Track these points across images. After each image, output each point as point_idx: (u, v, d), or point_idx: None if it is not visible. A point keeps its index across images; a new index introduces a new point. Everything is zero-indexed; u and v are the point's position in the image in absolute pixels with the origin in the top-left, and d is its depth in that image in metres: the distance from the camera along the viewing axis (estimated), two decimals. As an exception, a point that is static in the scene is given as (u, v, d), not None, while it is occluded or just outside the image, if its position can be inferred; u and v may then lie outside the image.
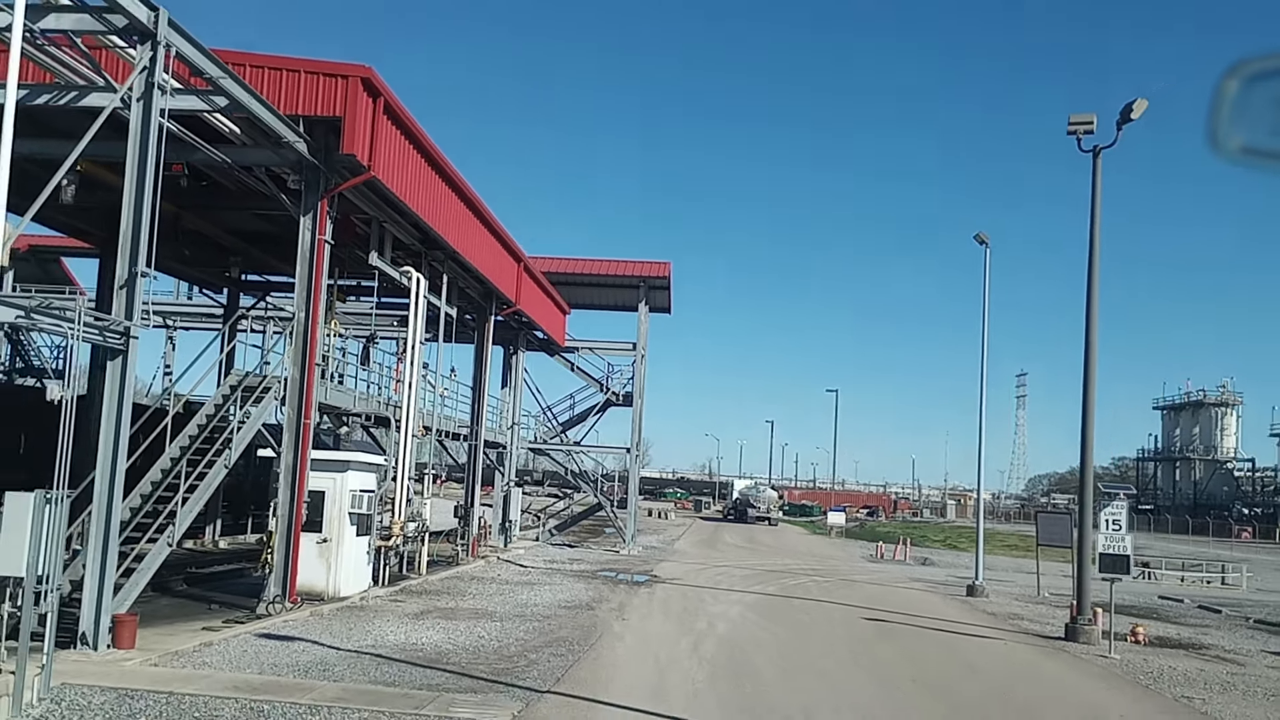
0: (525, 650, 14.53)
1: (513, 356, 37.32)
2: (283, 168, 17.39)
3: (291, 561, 16.69)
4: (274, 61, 16.77)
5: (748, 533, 61.82)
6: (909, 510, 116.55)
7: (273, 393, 17.06)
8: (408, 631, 15.56)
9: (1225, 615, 28.42)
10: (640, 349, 39.06)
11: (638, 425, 39.31)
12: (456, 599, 20.13)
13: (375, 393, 22.56)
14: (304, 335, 17.31)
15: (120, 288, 12.39)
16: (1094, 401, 20.51)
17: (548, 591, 22.44)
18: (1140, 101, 20.10)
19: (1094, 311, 20.54)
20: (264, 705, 10.13)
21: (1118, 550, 18.48)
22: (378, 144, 17.40)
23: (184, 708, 9.95)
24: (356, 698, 10.70)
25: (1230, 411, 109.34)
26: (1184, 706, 13.57)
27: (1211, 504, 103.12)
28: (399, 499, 21.29)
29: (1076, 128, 20.88)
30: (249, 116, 15.40)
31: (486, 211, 25.39)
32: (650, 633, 17.38)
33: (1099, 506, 21.62)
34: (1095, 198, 20.70)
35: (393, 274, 21.50)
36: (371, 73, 17.07)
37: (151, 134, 12.52)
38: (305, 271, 17.34)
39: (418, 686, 11.54)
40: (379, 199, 19.34)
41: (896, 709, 12.13)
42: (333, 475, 18.29)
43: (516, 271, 29.96)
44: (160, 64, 12.50)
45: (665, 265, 38.71)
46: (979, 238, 29.20)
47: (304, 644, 13.81)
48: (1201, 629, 24.24)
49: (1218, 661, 18.47)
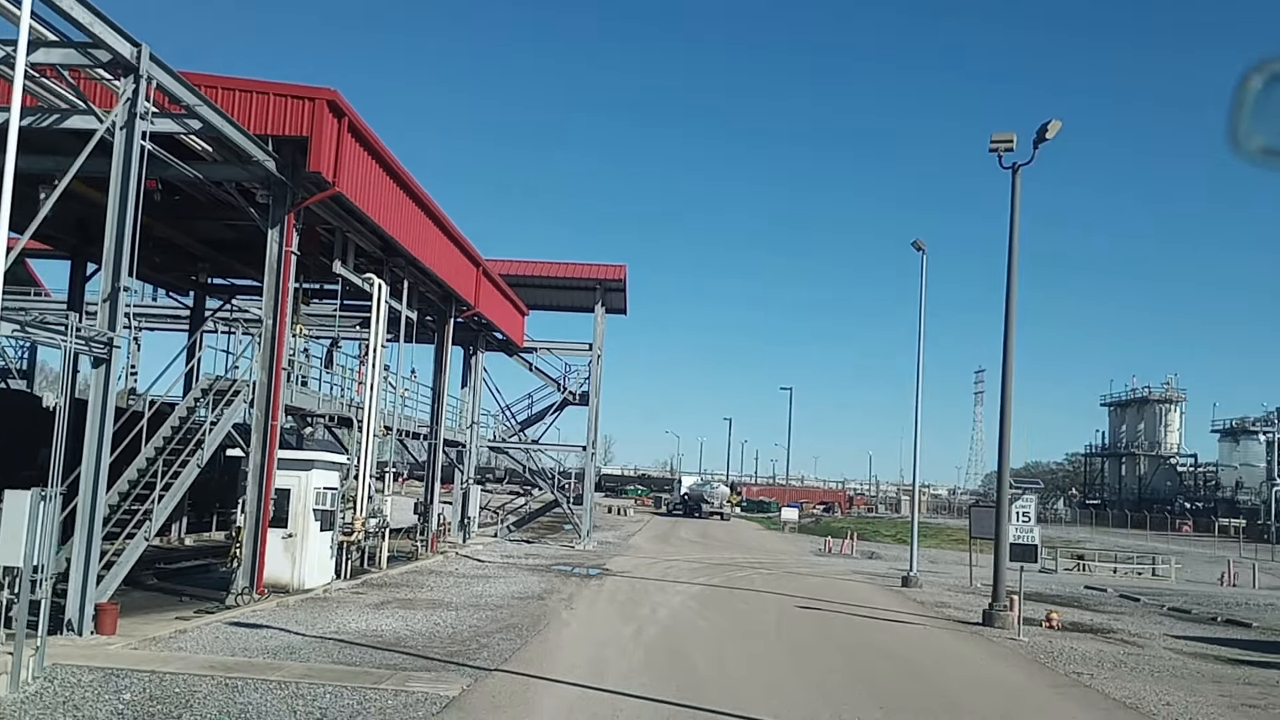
0: (477, 635, 15.76)
1: (472, 357, 38.40)
2: (252, 183, 18.43)
3: (259, 556, 17.78)
4: (244, 84, 17.80)
5: (702, 528, 63.34)
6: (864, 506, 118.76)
7: (242, 396, 18.11)
8: (368, 620, 16.73)
9: (1143, 603, 30.24)
10: (596, 349, 40.32)
11: (594, 424, 40.58)
12: (415, 591, 21.30)
13: (339, 394, 23.63)
14: (271, 342, 18.38)
15: (104, 300, 13.43)
16: (1011, 404, 22.06)
17: (502, 584, 23.65)
18: (1054, 123, 21.64)
19: (1012, 320, 22.09)
20: (238, 681, 11.30)
21: (1027, 540, 20.02)
22: (342, 161, 18.49)
23: (165, 684, 11.08)
24: (321, 675, 11.89)
25: (1174, 408, 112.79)
26: (1072, 681, 15.09)
27: (1155, 498, 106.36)
28: (360, 496, 22.39)
29: (998, 146, 22.37)
30: (221, 137, 16.45)
31: (445, 220, 26.52)
32: (596, 620, 18.68)
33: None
34: (1014, 212, 22.24)
35: (356, 281, 22.58)
36: (336, 95, 18.16)
37: (134, 159, 13.58)
38: (273, 281, 18.41)
39: (377, 666, 12.74)
40: (343, 211, 20.44)
41: (809, 683, 13.51)
42: (298, 474, 19.37)
43: (475, 275, 31.09)
44: (142, 95, 13.54)
45: (621, 268, 39.99)
46: (916, 245, 30.79)
47: (272, 631, 14.94)
48: (1116, 615, 25.95)
49: (1119, 644, 20.09)
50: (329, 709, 10.35)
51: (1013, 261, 22.14)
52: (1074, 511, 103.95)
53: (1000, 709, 12.67)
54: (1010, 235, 22.13)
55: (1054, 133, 21.53)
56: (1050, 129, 21.47)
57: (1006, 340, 22.08)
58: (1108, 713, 12.83)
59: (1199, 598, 33.31)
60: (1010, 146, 22.16)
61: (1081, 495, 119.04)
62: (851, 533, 52.80)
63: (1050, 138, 21.57)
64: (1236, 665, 18.15)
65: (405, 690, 11.34)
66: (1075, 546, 57.49)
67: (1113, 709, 13.11)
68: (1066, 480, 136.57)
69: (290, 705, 10.42)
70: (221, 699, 10.57)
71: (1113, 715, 12.68)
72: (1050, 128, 21.46)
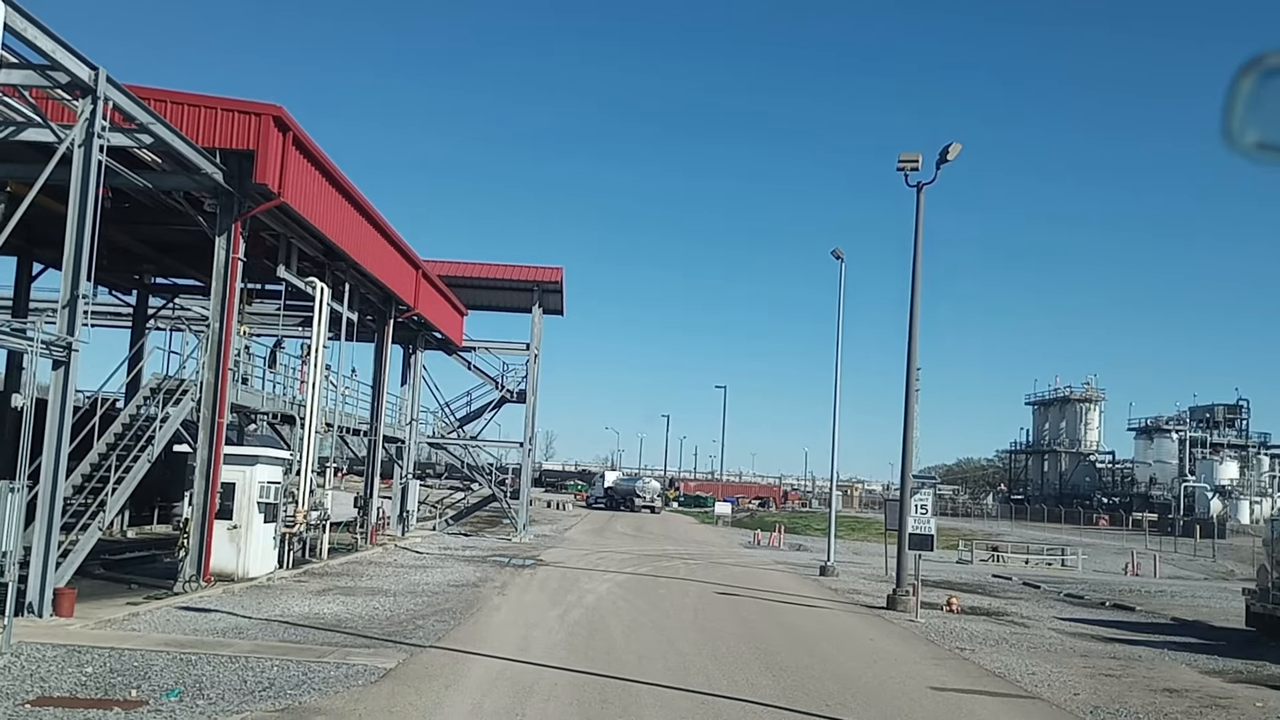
0: (414, 618, 17.02)
1: (411, 356, 39.41)
2: (200, 192, 19.41)
3: (206, 545, 18.81)
4: (193, 99, 18.79)
5: (637, 522, 64.90)
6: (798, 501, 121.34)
7: (190, 394, 19.09)
8: (311, 605, 17.88)
9: (1043, 590, 32.42)
10: (534, 349, 41.58)
11: (531, 421, 41.90)
12: (355, 579, 22.43)
13: (281, 392, 24.62)
14: (218, 344, 19.39)
15: (63, 307, 14.42)
16: (914, 410, 23.82)
17: (439, 573, 24.86)
18: (955, 145, 23.42)
19: (915, 331, 23.84)
20: (191, 656, 12.46)
21: (924, 530, 21.78)
22: (287, 173, 19.56)
23: (124, 659, 12.19)
24: (268, 651, 13.08)
25: (1093, 407, 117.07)
26: (952, 655, 16.80)
27: (1076, 494, 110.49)
28: (303, 490, 23.43)
29: (904, 165, 24.07)
30: (171, 151, 17.45)
31: (386, 225, 27.60)
32: (526, 604, 20.02)
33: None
34: (918, 228, 23.98)
35: (299, 284, 23.60)
36: (282, 111, 19.23)
37: (92, 174, 14.58)
38: (220, 287, 19.42)
39: (320, 644, 13.95)
40: (288, 219, 21.48)
41: (712, 654, 15.00)
42: (243, 468, 20.40)
43: (415, 278, 32.17)
44: (99, 114, 14.54)
45: (557, 270, 41.30)
46: (835, 253, 32.56)
47: (220, 614, 16.05)
48: (1014, 601, 27.96)
49: (1008, 625, 21.95)
50: (276, 679, 11.56)
51: (916, 275, 23.88)
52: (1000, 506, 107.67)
53: (879, 676, 14.26)
54: (915, 250, 23.86)
55: (955, 155, 23.31)
56: (951, 151, 23.25)
57: (910, 350, 23.83)
58: (974, 679, 14.51)
59: (1097, 585, 35.63)
60: (916, 166, 23.88)
61: (1008, 491, 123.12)
62: (779, 526, 54.73)
63: (952, 159, 23.37)
64: (1109, 643, 20.05)
65: (346, 663, 12.59)
66: (995, 539, 60.21)
67: (980, 676, 14.81)
68: (996, 476, 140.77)
69: (241, 676, 11.62)
70: (177, 671, 11.72)
71: (978, 681, 14.37)
72: (951, 150, 23.24)
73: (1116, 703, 13.33)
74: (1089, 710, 12.72)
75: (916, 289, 23.90)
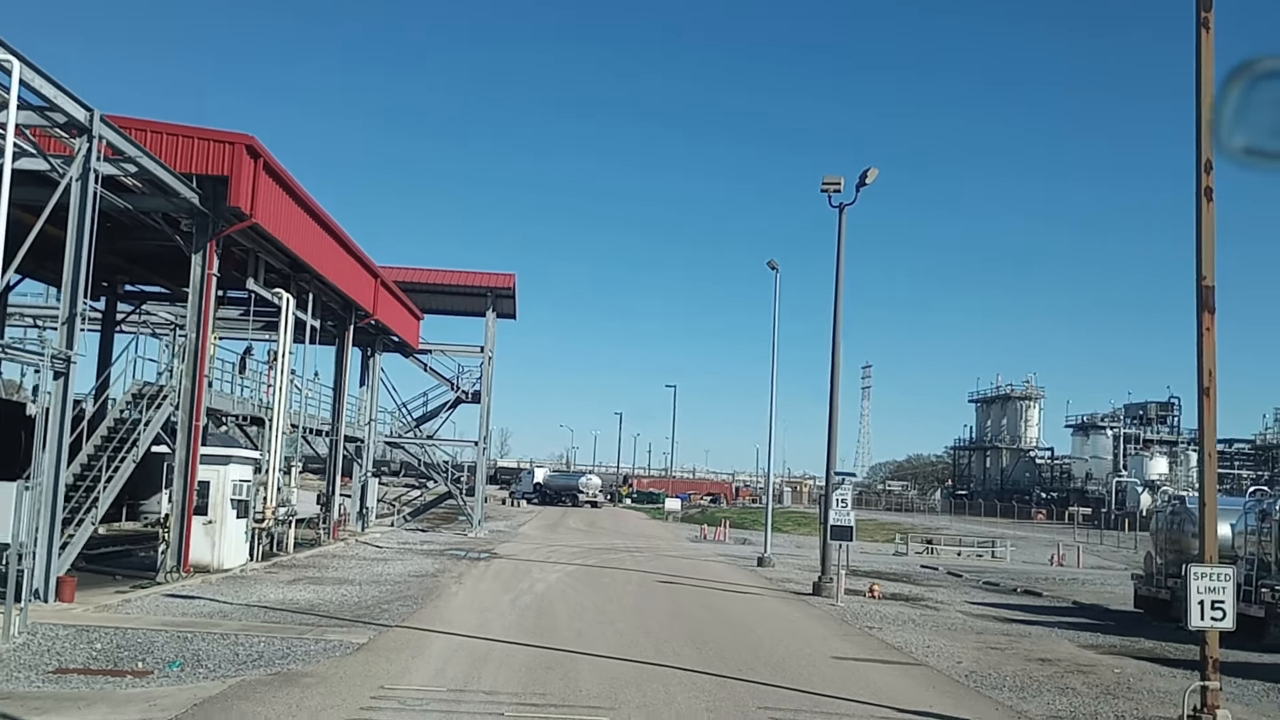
0: (379, 603, 18.83)
1: (370, 359, 40.99)
2: (177, 213, 21.00)
3: (185, 539, 20.45)
4: (172, 129, 20.39)
5: (590, 517, 66.87)
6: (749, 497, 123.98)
7: (169, 399, 20.68)
8: (284, 592, 19.62)
9: (964, 579, 34.84)
10: (488, 351, 43.37)
11: (485, 420, 43.68)
12: (321, 571, 24.14)
13: (250, 396, 26.22)
14: (195, 353, 21.03)
15: (63, 324, 16.04)
16: (838, 410, 26.01)
17: (399, 565, 26.63)
18: (872, 170, 25.61)
19: (838, 337, 26.03)
20: (188, 633, 14.21)
21: (844, 522, 23.93)
22: (258, 196, 21.22)
23: (127, 636, 13.90)
24: (254, 630, 14.86)
25: (1033, 405, 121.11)
26: (860, 631, 18.97)
27: (1016, 489, 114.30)
28: (270, 488, 25.07)
29: (828, 187, 26.23)
30: (153, 179, 19.05)
31: (347, 238, 29.28)
32: (481, 592, 21.90)
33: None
34: (840, 246, 26.17)
35: (267, 295, 25.23)
36: (254, 140, 20.89)
37: (89, 204, 16.20)
38: (196, 300, 21.05)
39: (298, 624, 15.73)
40: (258, 237, 23.11)
41: (645, 631, 17.01)
42: (217, 468, 22.03)
43: (374, 286, 33.84)
44: (95, 152, 16.17)
45: (510, 276, 43.13)
46: (770, 264, 34.73)
47: (204, 600, 17.75)
48: (934, 588, 30.28)
49: (921, 608, 24.19)
50: (264, 652, 13.35)
51: (839, 290, 26.06)
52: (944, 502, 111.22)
53: (790, 648, 16.33)
54: (836, 267, 26.07)
55: (873, 179, 25.54)
56: (869, 175, 25.46)
57: (834, 359, 26.02)
58: (874, 651, 16.66)
59: (1018, 575, 38.14)
60: (838, 188, 26.06)
61: (954, 486, 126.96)
62: (725, 521, 56.98)
63: (870, 183, 25.58)
64: (1006, 623, 22.33)
65: (324, 639, 14.41)
66: (934, 533, 62.96)
67: (880, 649, 16.97)
68: (945, 472, 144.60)
69: (233, 650, 13.40)
70: (176, 646, 13.46)
71: (876, 653, 16.51)
72: (869, 175, 25.45)
73: (992, 669, 15.51)
74: (966, 674, 14.87)
75: (839, 304, 26.09)
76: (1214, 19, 10.57)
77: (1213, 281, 10.51)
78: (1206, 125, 10.47)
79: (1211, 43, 10.52)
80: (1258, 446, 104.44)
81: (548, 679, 12.35)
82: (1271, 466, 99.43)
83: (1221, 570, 10.31)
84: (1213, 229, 10.50)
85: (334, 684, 11.35)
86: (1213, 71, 10.56)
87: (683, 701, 11.37)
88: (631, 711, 10.74)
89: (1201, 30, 10.50)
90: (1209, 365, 10.48)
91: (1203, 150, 10.47)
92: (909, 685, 13.67)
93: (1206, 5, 10.53)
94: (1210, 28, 10.53)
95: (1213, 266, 10.52)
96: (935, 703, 12.50)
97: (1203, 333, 10.46)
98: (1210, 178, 10.50)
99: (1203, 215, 10.46)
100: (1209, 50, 10.49)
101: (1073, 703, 13.19)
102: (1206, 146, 10.46)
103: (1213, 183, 10.51)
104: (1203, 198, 10.45)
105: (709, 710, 11.04)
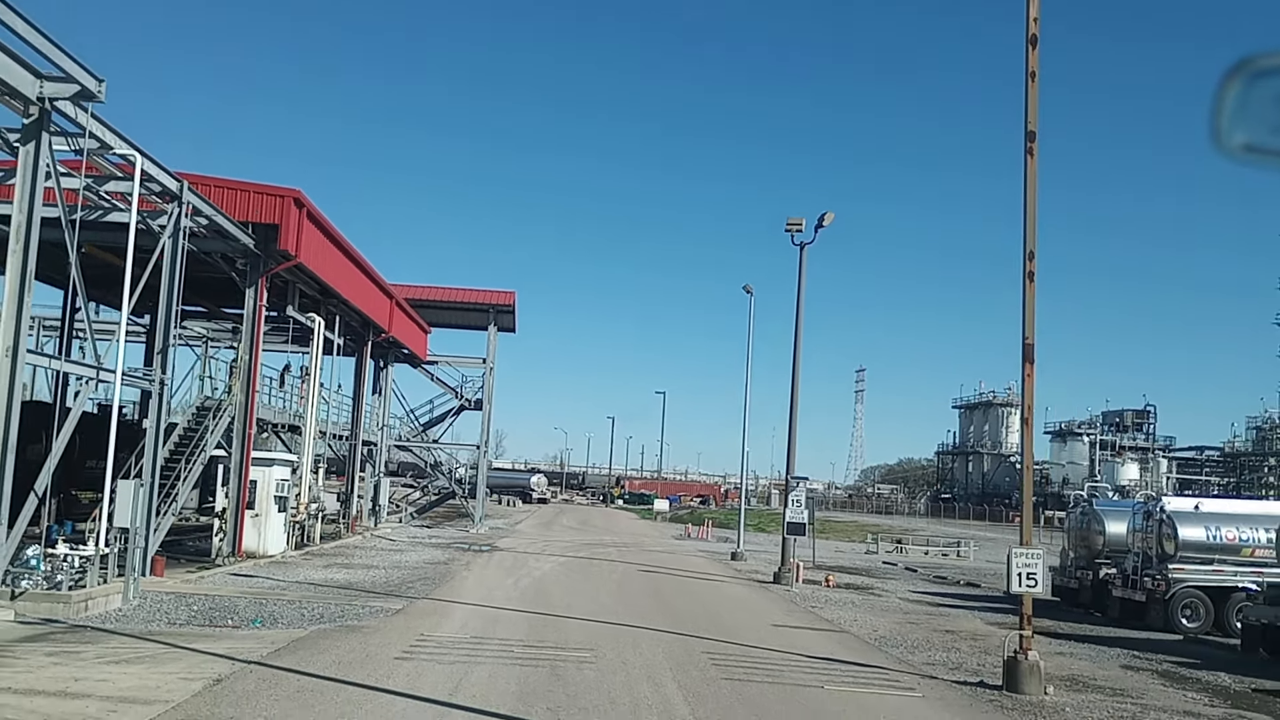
0: (404, 583, 22.70)
1: (383, 370, 44.85)
2: (233, 254, 24.87)
3: (239, 529, 24.31)
4: (231, 184, 24.25)
5: (583, 515, 70.77)
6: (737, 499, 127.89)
7: (227, 411, 24.55)
8: (323, 574, 23.49)
9: (918, 573, 38.71)
10: (489, 363, 47.25)
11: (486, 426, 47.56)
12: (349, 558, 28.01)
13: (289, 406, 30.13)
14: (247, 372, 24.90)
15: (158, 353, 19.93)
16: (797, 423, 29.93)
17: (413, 554, 30.50)
18: (829, 214, 29.51)
19: (798, 359, 29.94)
20: (261, 598, 18.09)
21: (799, 519, 27.83)
22: (302, 239, 25.09)
23: (215, 601, 17.76)
24: (310, 599, 18.73)
25: (1014, 411, 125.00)
26: (805, 611, 22.86)
27: (997, 493, 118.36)
28: (304, 487, 28.95)
29: (791, 228, 30.11)
30: (220, 229, 22.91)
31: (370, 268, 33.19)
32: (487, 576, 25.78)
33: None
34: (801, 282, 30.06)
35: (303, 320, 29.11)
36: (299, 193, 24.78)
37: (178, 256, 20.05)
38: (249, 328, 24.92)
39: (343, 596, 19.59)
40: (299, 273, 27.00)
41: (625, 606, 20.89)
42: (263, 469, 25.90)
43: (389, 307, 37.74)
44: (183, 214, 20.03)
45: (510, 294, 47.09)
46: (746, 289, 38.64)
47: (260, 578, 21.62)
48: (886, 580, 34.15)
49: (866, 595, 28.06)
50: (325, 613, 17.22)
51: (799, 322, 29.95)
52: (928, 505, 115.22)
53: (741, 619, 20.21)
54: (797, 302, 29.96)
55: (829, 222, 29.44)
56: (826, 219, 29.36)
57: (794, 379, 29.94)
58: (808, 623, 20.56)
59: (972, 571, 41.99)
60: (800, 228, 29.96)
61: (939, 490, 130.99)
62: (709, 521, 60.87)
63: (827, 225, 29.49)
64: (935, 607, 26.21)
65: (369, 606, 18.29)
66: (909, 534, 66.91)
67: (814, 621, 20.87)
68: (934, 476, 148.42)
69: (300, 610, 17.28)
70: (254, 609, 17.33)
71: (810, 624, 20.42)
72: (826, 218, 29.35)
73: (901, 636, 19.40)
74: (878, 639, 18.75)
75: (799, 332, 30.00)
76: (1038, 148, 14.49)
77: (1033, 340, 14.41)
78: (1031, 222, 14.43)
79: (1035, 165, 14.43)
80: (1226, 454, 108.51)
81: (545, 632, 16.25)
82: (1240, 474, 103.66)
83: (1033, 550, 14.25)
84: (1034, 303, 14.41)
85: (386, 633, 15.24)
86: (1036, 187, 14.50)
87: (646, 648, 15.27)
88: (606, 651, 14.63)
89: (1027, 157, 14.43)
90: (1029, 402, 14.41)
91: (1027, 243, 14.41)
92: (826, 643, 17.57)
93: (1031, 137, 14.46)
94: (1034, 154, 14.45)
95: (1034, 330, 14.43)
96: (842, 655, 16.39)
97: (1025, 379, 14.38)
98: (1033, 264, 14.43)
99: (1027, 292, 14.39)
100: (1034, 172, 14.41)
101: (950, 656, 17.12)
102: (1031, 239, 14.40)
103: (1035, 268, 14.44)
104: (1026, 280, 14.38)
105: (664, 653, 14.93)
